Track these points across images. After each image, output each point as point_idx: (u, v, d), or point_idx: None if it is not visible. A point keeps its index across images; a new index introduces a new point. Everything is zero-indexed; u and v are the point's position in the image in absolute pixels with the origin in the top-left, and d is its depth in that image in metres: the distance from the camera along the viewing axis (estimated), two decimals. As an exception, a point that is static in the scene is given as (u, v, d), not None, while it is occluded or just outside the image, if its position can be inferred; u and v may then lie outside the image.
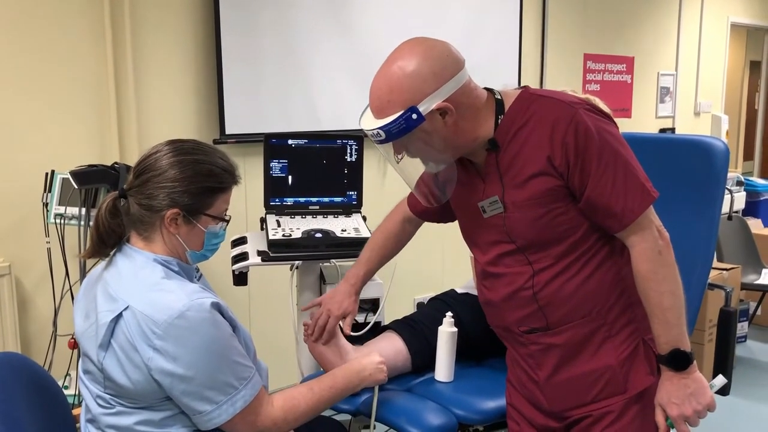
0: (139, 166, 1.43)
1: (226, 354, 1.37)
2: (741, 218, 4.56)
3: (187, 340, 1.32)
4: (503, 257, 1.52)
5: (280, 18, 3.16)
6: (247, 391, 1.39)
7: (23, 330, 2.63)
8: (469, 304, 1.97)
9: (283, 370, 2.54)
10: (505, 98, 1.48)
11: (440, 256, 3.92)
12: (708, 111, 6.14)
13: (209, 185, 1.42)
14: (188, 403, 1.36)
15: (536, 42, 4.47)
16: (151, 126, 2.88)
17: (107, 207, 1.43)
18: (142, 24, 2.83)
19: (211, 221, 1.45)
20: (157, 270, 1.40)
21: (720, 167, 2.02)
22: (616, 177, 1.39)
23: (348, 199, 2.34)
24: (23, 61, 2.58)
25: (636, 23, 5.24)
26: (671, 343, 1.43)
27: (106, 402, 1.41)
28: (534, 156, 1.42)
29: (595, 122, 1.41)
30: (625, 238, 1.45)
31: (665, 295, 1.41)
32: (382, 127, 1.38)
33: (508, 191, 1.47)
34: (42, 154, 2.62)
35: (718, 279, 3.65)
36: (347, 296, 1.83)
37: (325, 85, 3.34)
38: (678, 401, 1.43)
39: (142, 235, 1.44)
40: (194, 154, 1.42)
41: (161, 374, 1.33)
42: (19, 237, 2.61)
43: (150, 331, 1.32)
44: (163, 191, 1.38)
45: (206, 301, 1.36)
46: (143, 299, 1.35)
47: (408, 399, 1.81)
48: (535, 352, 1.55)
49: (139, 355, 1.33)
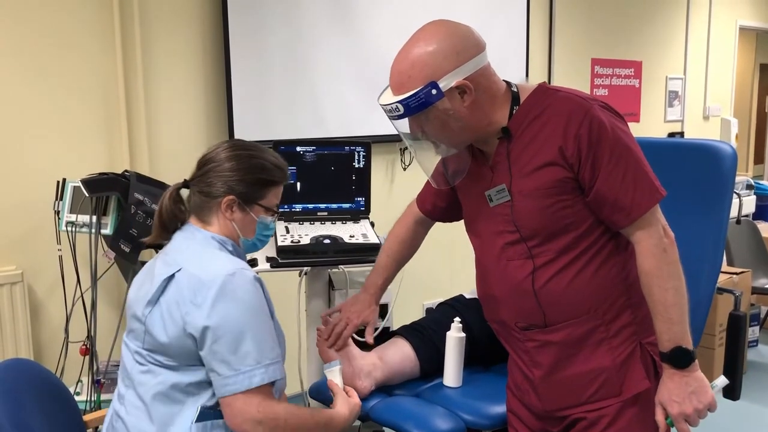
0: (201, 160, 1.59)
1: (257, 327, 1.45)
2: (751, 222, 4.54)
3: (224, 300, 1.41)
4: (506, 249, 1.53)
5: (288, 26, 3.18)
6: (267, 373, 1.44)
7: (35, 337, 2.65)
8: (477, 310, 1.96)
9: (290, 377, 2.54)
10: (521, 91, 1.51)
11: (449, 262, 3.91)
12: (717, 115, 6.11)
13: (262, 177, 1.57)
14: (211, 361, 1.42)
15: (544, 47, 4.48)
16: (161, 134, 2.90)
17: (171, 195, 1.58)
18: (151, 33, 2.86)
19: (263, 212, 1.59)
20: (213, 244, 1.54)
21: (728, 171, 2.02)
22: (627, 171, 1.41)
23: (356, 205, 2.35)
24: (34, 71, 2.61)
25: (643, 27, 5.23)
26: (674, 340, 1.43)
27: (142, 358, 1.50)
28: (546, 146, 1.44)
29: (609, 118, 1.44)
30: (631, 233, 1.45)
31: (669, 291, 1.42)
32: (401, 101, 1.41)
33: (516, 180, 1.48)
34: (53, 162, 2.65)
35: (728, 283, 3.64)
36: (367, 306, 1.87)
37: (332, 93, 3.36)
38: (679, 399, 1.43)
39: (201, 219, 1.57)
40: (250, 150, 1.58)
41: (194, 328, 1.41)
42: (31, 245, 2.63)
43: (196, 288, 1.43)
44: (221, 179, 1.53)
45: (251, 273, 1.48)
46: (196, 264, 1.48)
47: (416, 404, 1.81)
48: (531, 349, 1.55)
49: (179, 311, 1.43)
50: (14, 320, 2.54)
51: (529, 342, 1.55)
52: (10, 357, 2.50)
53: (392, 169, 3.67)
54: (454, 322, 1.89)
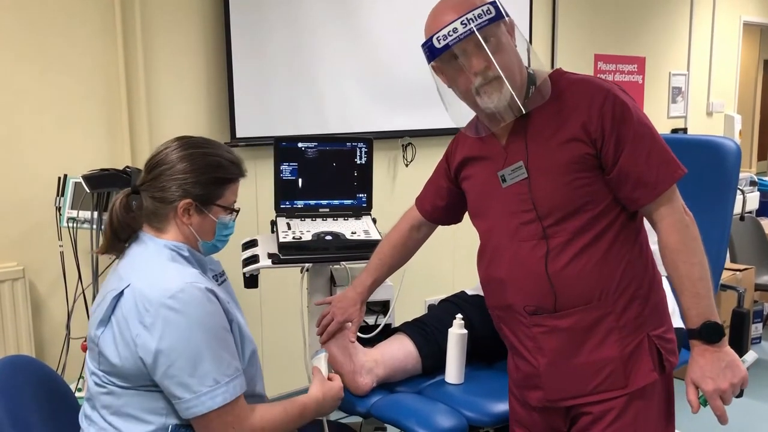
0: (150, 162, 1.50)
1: (213, 344, 1.38)
2: (754, 219, 4.52)
3: (174, 321, 1.34)
4: (519, 229, 1.51)
5: (290, 22, 3.17)
6: (229, 391, 1.39)
7: (37, 333, 2.65)
8: (479, 306, 1.96)
9: (294, 372, 2.54)
10: (538, 75, 1.51)
11: (451, 258, 3.91)
12: (721, 111, 6.09)
13: (219, 176, 1.49)
14: (168, 386, 1.36)
15: (546, 44, 4.46)
16: (162, 130, 2.90)
17: (121, 203, 1.49)
18: (152, 29, 2.85)
19: (221, 212, 1.51)
20: (164, 253, 1.46)
21: (731, 167, 2.01)
22: (652, 148, 1.44)
23: (358, 201, 2.35)
24: (35, 68, 2.60)
25: (647, 23, 5.21)
26: (702, 315, 1.42)
27: (99, 380, 1.43)
28: (568, 123, 1.45)
29: (630, 101, 1.47)
30: (653, 210, 1.46)
31: (695, 266, 1.43)
32: (472, 10, 1.40)
33: (534, 157, 1.48)
34: (54, 159, 2.64)
35: (732, 280, 3.63)
36: (352, 304, 1.86)
37: (334, 89, 3.35)
38: (713, 375, 1.41)
39: (155, 226, 1.49)
40: (202, 147, 1.50)
41: (145, 352, 1.34)
42: (32, 241, 2.63)
43: (143, 308, 1.35)
44: (175, 183, 1.45)
45: (201, 285, 1.38)
46: (144, 279, 1.39)
47: (418, 401, 1.81)
48: (538, 335, 1.52)
49: (129, 332, 1.36)
50: (16, 317, 2.53)
51: (536, 327, 1.52)
52: (12, 353, 2.50)
53: (394, 165, 3.66)
54: (456, 318, 1.88)
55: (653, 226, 1.49)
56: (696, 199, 1.90)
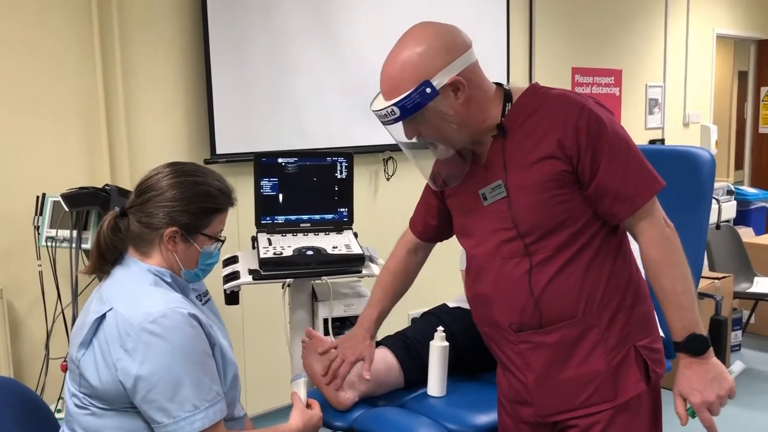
0: (140, 186, 1.51)
1: (194, 369, 1.38)
2: (731, 227, 4.59)
3: (155, 346, 1.35)
4: (501, 247, 1.52)
5: (269, 38, 3.18)
6: (208, 416, 1.39)
7: (15, 353, 2.62)
8: (460, 318, 1.97)
9: (277, 388, 2.53)
10: (513, 91, 1.53)
11: (434, 271, 3.91)
12: (697, 122, 6.17)
13: (207, 206, 1.50)
14: (147, 410, 1.37)
15: (524, 56, 4.51)
16: (141, 147, 2.89)
17: (109, 224, 1.49)
18: (131, 45, 2.85)
19: (206, 241, 1.52)
20: (148, 278, 1.46)
21: (706, 177, 2.04)
22: (628, 163, 1.44)
23: (339, 216, 2.35)
24: (12, 85, 2.59)
25: (622, 36, 5.28)
26: (688, 327, 1.43)
27: (80, 401, 1.43)
28: (544, 140, 1.45)
29: (605, 114, 1.47)
30: (633, 225, 1.46)
31: (678, 279, 1.44)
32: (396, 103, 1.40)
33: (513, 175, 1.48)
34: (33, 177, 2.62)
35: (711, 288, 3.66)
36: (361, 341, 1.83)
37: (314, 104, 3.36)
38: (700, 387, 1.42)
39: (140, 250, 1.50)
40: (193, 176, 1.50)
41: (126, 376, 1.35)
42: (10, 260, 2.61)
43: (125, 332, 1.36)
44: (163, 210, 1.46)
45: (183, 311, 1.39)
46: (126, 303, 1.40)
47: (401, 414, 1.80)
48: (525, 351, 1.53)
49: (110, 355, 1.36)
50: (-6, 337, 2.50)
51: (523, 344, 1.53)
52: (-10, 375, 2.47)
53: (375, 179, 3.67)
54: (437, 331, 1.88)
55: (635, 239, 1.49)
56: (673, 209, 1.92)
